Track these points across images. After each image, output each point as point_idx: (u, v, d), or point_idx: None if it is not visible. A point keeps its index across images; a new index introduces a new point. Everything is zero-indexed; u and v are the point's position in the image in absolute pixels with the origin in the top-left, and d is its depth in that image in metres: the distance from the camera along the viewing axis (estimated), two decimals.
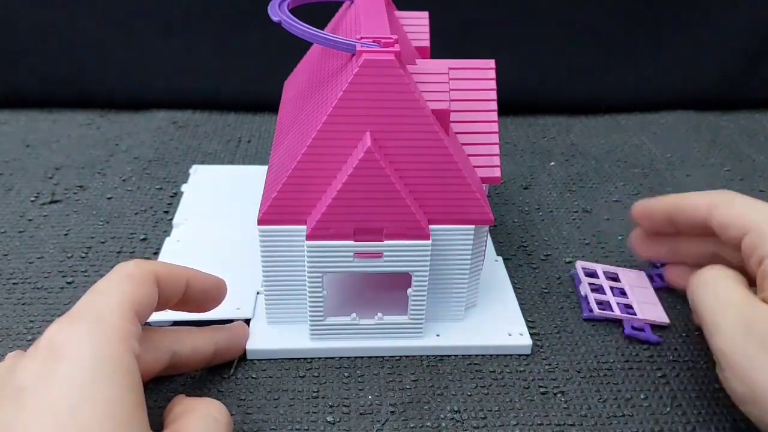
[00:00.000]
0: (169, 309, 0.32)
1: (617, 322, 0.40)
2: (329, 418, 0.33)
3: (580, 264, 0.44)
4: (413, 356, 0.37)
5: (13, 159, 0.56)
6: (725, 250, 0.37)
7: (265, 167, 0.51)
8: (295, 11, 0.37)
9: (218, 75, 0.65)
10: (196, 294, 0.32)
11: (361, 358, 0.37)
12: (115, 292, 0.28)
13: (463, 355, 0.37)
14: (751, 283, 0.34)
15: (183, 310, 0.33)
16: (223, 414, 0.30)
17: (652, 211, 0.40)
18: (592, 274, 0.43)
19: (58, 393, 0.24)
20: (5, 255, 0.44)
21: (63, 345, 0.25)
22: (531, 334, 0.38)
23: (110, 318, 0.27)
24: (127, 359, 0.26)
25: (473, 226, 0.35)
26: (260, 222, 0.34)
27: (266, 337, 0.37)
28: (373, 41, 0.33)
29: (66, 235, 0.46)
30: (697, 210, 0.36)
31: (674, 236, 0.40)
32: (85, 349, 0.25)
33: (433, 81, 0.34)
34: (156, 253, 0.44)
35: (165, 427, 0.28)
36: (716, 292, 0.32)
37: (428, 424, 0.33)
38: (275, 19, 0.35)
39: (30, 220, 0.48)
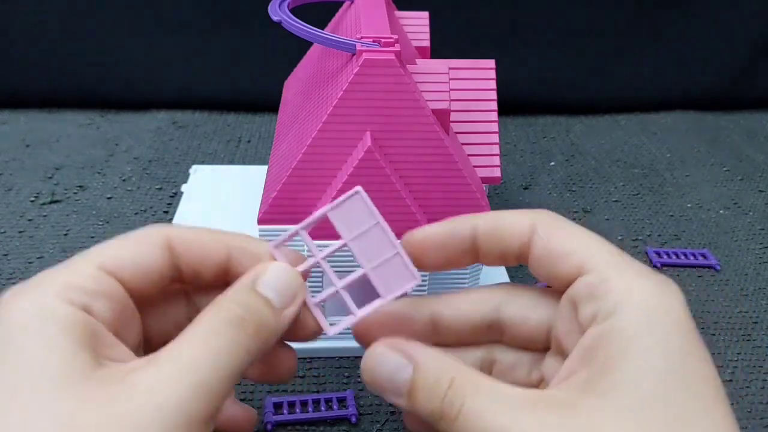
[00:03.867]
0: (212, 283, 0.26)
1: None
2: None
3: None
4: None
5: (13, 159, 0.56)
6: (513, 307, 0.27)
7: (265, 167, 0.51)
8: (295, 11, 0.37)
9: (218, 75, 0.65)
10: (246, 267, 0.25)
11: (361, 358, 0.37)
12: (86, 252, 0.24)
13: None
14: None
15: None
16: (230, 322, 0.22)
17: (455, 230, 0.26)
18: None
19: None
20: (5, 255, 0.44)
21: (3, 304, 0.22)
22: None
23: (57, 268, 0.23)
24: (58, 307, 0.22)
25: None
26: (260, 221, 0.34)
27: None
28: (373, 41, 0.33)
29: (66, 235, 0.46)
30: (519, 234, 0.25)
31: None
32: (15, 308, 0.22)
33: (433, 81, 0.34)
34: None
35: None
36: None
37: None
38: (275, 18, 0.35)
39: (30, 220, 0.48)
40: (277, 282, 0.24)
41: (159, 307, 0.26)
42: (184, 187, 0.51)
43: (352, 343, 0.37)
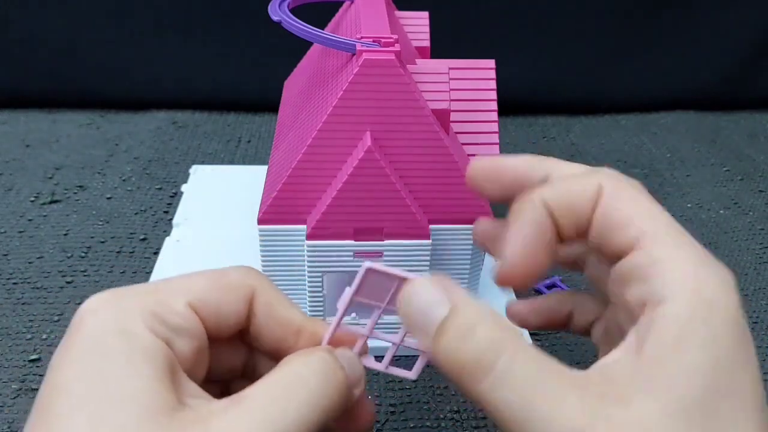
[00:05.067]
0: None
1: None
2: None
3: None
4: (413, 356, 0.37)
5: (13, 159, 0.56)
6: (587, 304, 0.27)
7: (265, 167, 0.51)
8: (295, 11, 0.37)
9: (218, 75, 0.65)
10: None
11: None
12: (176, 277, 0.24)
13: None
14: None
15: None
16: (317, 373, 0.22)
17: (535, 222, 0.24)
18: None
19: (71, 374, 0.20)
20: (5, 255, 0.44)
21: (82, 317, 0.21)
22: (530, 334, 0.38)
23: (141, 291, 0.22)
24: (142, 335, 0.21)
25: (473, 226, 0.35)
26: (260, 221, 0.34)
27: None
28: (373, 41, 0.33)
29: (66, 235, 0.46)
30: (588, 199, 0.23)
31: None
32: (97, 323, 0.21)
33: (433, 81, 0.34)
34: (156, 253, 0.44)
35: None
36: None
37: (428, 424, 0.33)
38: (275, 18, 0.35)
39: (30, 220, 0.48)
40: (347, 360, 0.24)
41: (222, 348, 0.25)
42: (184, 187, 0.51)
43: None
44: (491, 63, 0.38)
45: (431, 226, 0.34)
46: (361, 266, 0.23)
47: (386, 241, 0.34)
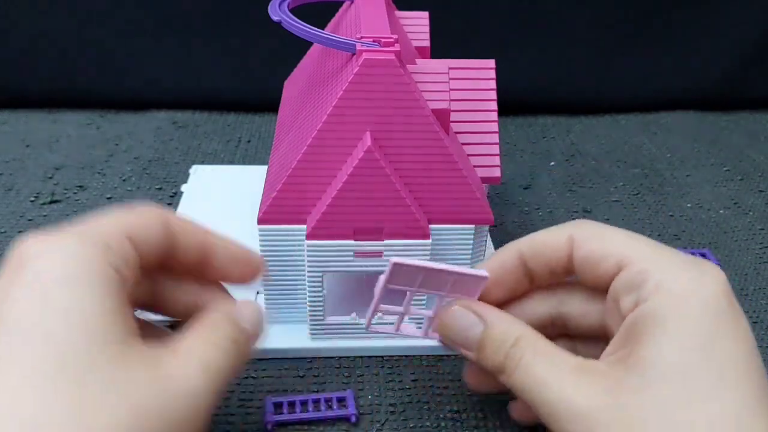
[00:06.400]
0: (193, 272, 0.29)
1: None
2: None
3: None
4: (413, 356, 0.37)
5: (13, 159, 0.56)
6: (572, 303, 0.30)
7: (265, 167, 0.51)
8: (295, 11, 0.37)
9: (218, 75, 0.65)
10: (223, 262, 0.29)
11: (361, 358, 0.37)
12: (106, 216, 0.26)
13: (463, 355, 0.37)
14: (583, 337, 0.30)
15: (209, 277, 0.30)
16: (241, 335, 0.27)
17: (503, 261, 0.30)
18: None
19: (22, 300, 0.22)
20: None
21: (29, 254, 0.23)
22: None
23: (89, 231, 0.24)
24: (103, 268, 0.23)
25: (473, 226, 0.35)
26: (260, 221, 0.34)
27: (266, 337, 0.37)
28: (373, 41, 0.33)
29: None
30: (558, 248, 0.29)
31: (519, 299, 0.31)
32: (55, 253, 0.23)
33: (433, 81, 0.34)
34: None
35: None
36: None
37: (428, 424, 0.33)
38: (275, 18, 0.35)
39: (30, 220, 0.48)
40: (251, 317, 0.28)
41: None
42: (184, 187, 0.51)
43: (352, 344, 0.37)
44: (491, 63, 0.38)
45: (431, 226, 0.34)
46: (389, 261, 0.28)
47: (386, 241, 0.34)
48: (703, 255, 0.47)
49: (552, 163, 0.59)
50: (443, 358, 0.37)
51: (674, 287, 0.25)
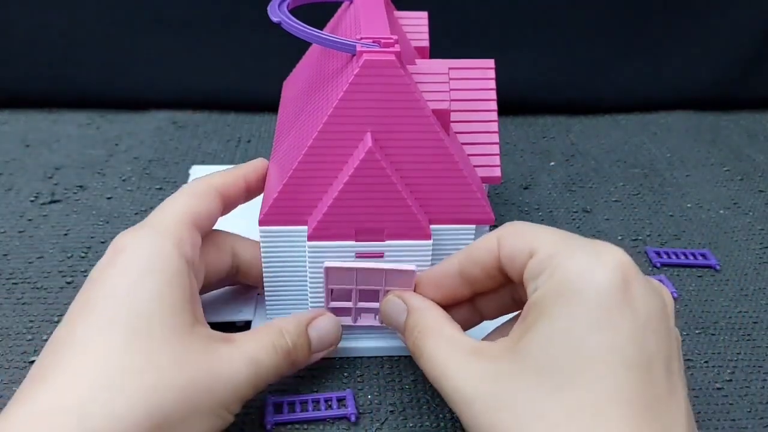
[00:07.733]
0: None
1: None
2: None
3: None
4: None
5: (13, 159, 0.56)
6: (521, 289, 0.30)
7: None
8: (295, 11, 0.37)
9: (218, 75, 0.65)
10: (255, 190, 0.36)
11: (361, 358, 0.37)
12: (176, 204, 0.33)
13: None
14: None
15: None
16: (282, 346, 0.31)
17: (441, 278, 0.32)
18: None
19: (117, 277, 0.29)
20: (5, 255, 0.44)
21: (124, 244, 0.30)
22: None
23: (167, 225, 0.31)
24: (177, 261, 0.29)
25: (474, 226, 0.35)
26: (261, 223, 0.34)
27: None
28: (373, 41, 0.33)
29: (66, 235, 0.46)
30: (489, 250, 0.30)
31: (469, 301, 0.33)
32: (143, 247, 0.30)
33: (433, 81, 0.34)
34: None
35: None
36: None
37: (427, 424, 0.33)
38: (275, 19, 0.35)
39: (30, 220, 0.48)
40: (323, 330, 0.34)
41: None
42: None
43: (352, 344, 0.37)
44: (491, 63, 0.38)
45: (432, 226, 0.34)
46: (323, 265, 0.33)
47: (387, 242, 0.34)
48: (703, 255, 0.47)
49: (552, 163, 0.59)
50: None
51: (569, 274, 0.26)
